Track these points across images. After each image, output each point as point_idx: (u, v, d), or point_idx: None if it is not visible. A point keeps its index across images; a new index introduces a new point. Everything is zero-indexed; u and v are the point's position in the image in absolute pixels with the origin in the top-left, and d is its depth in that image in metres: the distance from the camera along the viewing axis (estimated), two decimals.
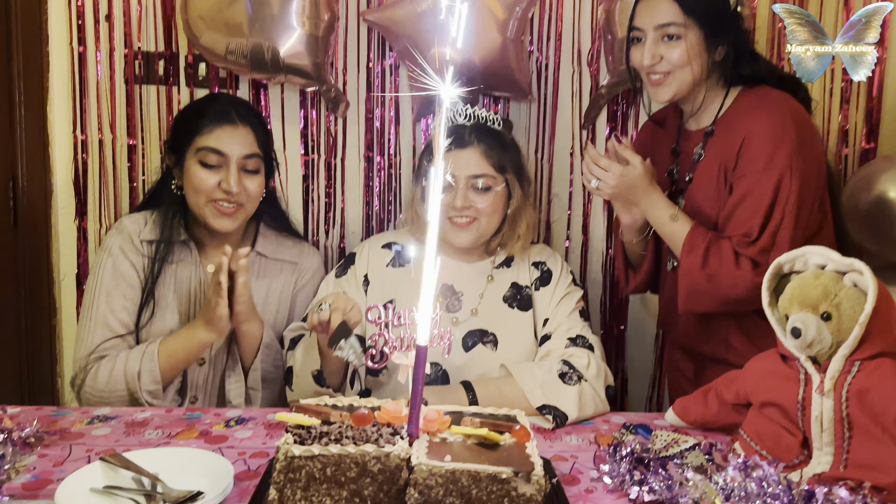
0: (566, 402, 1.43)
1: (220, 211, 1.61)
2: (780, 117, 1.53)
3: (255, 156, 1.64)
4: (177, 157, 1.65)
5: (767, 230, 1.49)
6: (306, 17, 1.86)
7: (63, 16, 2.06)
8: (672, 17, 1.54)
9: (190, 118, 1.65)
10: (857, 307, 1.16)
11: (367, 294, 1.66)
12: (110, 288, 1.61)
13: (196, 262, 1.68)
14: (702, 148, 1.63)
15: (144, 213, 1.70)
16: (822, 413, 1.18)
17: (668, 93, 1.59)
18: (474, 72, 1.91)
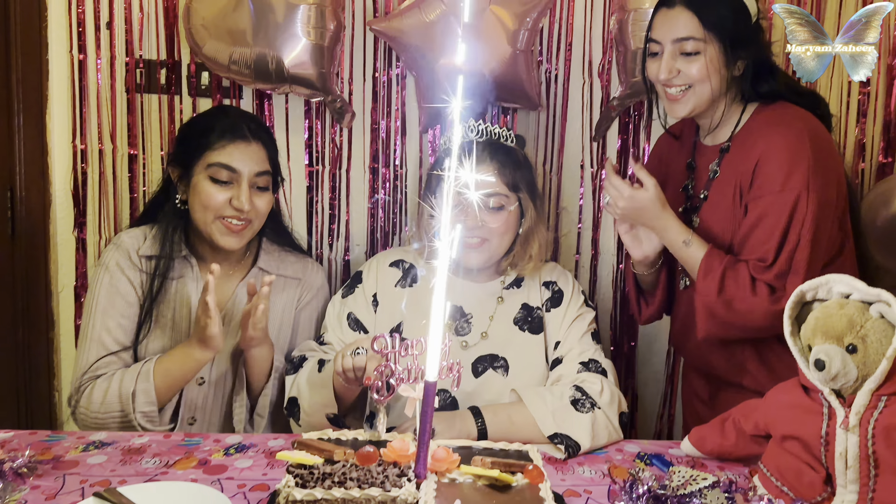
0: (579, 430, 1.38)
1: (228, 228, 1.57)
2: (796, 136, 1.48)
3: (266, 173, 1.61)
4: (182, 170, 1.61)
5: (783, 254, 1.45)
6: (312, 26, 1.81)
7: (63, 23, 2.02)
8: (691, 31, 1.49)
9: (199, 132, 1.61)
10: (885, 340, 1.12)
11: (375, 314, 1.61)
12: (106, 305, 1.57)
13: (197, 278, 1.64)
14: (717, 164, 1.59)
15: (143, 227, 1.66)
16: (846, 449, 1.13)
17: (685, 109, 1.54)
18: (484, 83, 1.87)
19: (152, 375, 1.49)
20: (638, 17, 1.83)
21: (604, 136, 2.06)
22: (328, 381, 1.44)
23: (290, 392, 1.53)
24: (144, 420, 1.48)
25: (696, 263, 1.50)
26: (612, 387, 1.49)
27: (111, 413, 1.48)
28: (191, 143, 1.61)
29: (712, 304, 1.47)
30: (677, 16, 1.50)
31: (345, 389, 1.42)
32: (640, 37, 1.84)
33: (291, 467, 0.99)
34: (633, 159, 1.55)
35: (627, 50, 1.88)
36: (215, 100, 2.02)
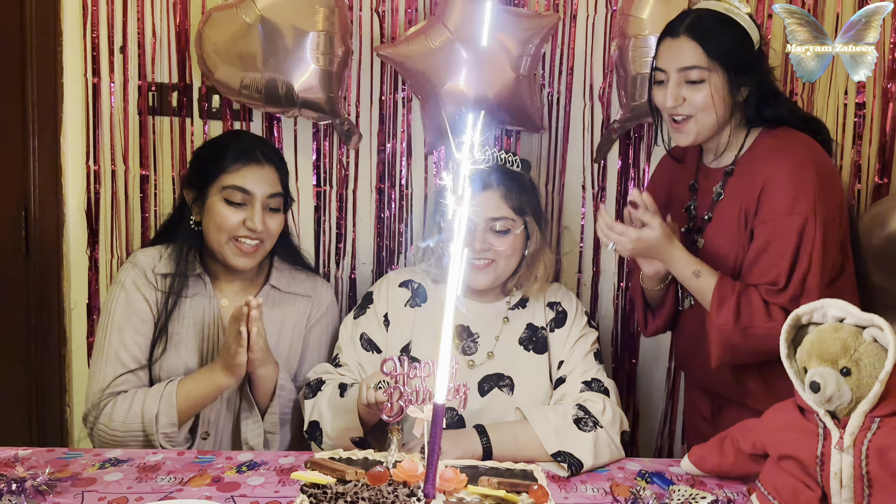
0: (581, 449, 1.41)
1: (240, 249, 1.62)
2: (800, 162, 1.52)
3: (277, 195, 1.66)
4: (197, 192, 1.66)
5: (795, 277, 1.48)
6: (321, 52, 1.86)
7: (78, 47, 2.07)
8: (696, 60, 1.52)
9: (214, 156, 1.66)
10: (878, 363, 1.16)
11: (387, 333, 1.66)
12: (123, 323, 1.61)
13: (210, 296, 1.68)
14: (721, 187, 1.62)
15: (159, 247, 1.70)
16: (841, 469, 1.17)
17: (689, 138, 1.58)
18: (487, 106, 1.91)
19: (175, 398, 1.53)
20: (638, 44, 1.88)
21: (605, 157, 2.11)
22: (352, 406, 1.48)
23: (310, 416, 1.57)
24: (165, 440, 1.53)
25: (707, 293, 1.52)
26: (615, 406, 1.53)
27: (132, 432, 1.53)
28: (206, 167, 1.66)
29: (729, 332, 1.48)
30: (682, 45, 1.54)
31: (370, 415, 1.46)
32: (639, 62, 1.89)
33: (305, 487, 1.02)
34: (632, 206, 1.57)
35: (627, 74, 1.93)
36: (226, 122, 2.07)
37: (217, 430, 1.66)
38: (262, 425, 1.62)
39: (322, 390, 1.58)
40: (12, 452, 1.38)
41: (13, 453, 1.38)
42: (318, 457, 1.10)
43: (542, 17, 1.93)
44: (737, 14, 1.56)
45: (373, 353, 1.64)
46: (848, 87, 2.07)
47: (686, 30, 1.54)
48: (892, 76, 2.05)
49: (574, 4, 2.04)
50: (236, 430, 1.66)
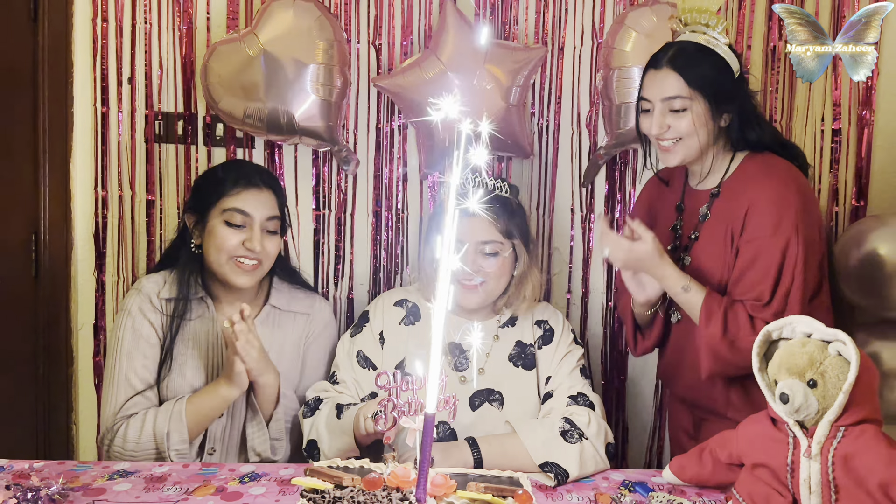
0: (568, 459, 1.49)
1: (240, 267, 1.70)
2: (783, 185, 1.61)
3: (275, 217, 1.74)
4: (198, 217, 1.74)
5: (779, 293, 1.56)
6: (320, 84, 1.95)
7: (88, 78, 2.17)
8: (677, 90, 1.61)
9: (214, 182, 1.75)
10: (842, 375, 1.23)
11: (382, 350, 1.73)
12: (131, 348, 1.69)
13: (213, 318, 1.76)
14: (707, 208, 1.70)
15: (163, 272, 1.78)
16: (810, 476, 1.24)
17: (677, 159, 1.67)
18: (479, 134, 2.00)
19: (184, 415, 1.61)
20: (621, 75, 1.98)
21: (592, 181, 2.20)
22: (348, 428, 1.55)
23: (308, 435, 1.64)
24: (177, 456, 1.60)
25: (696, 307, 1.60)
26: (600, 419, 1.60)
27: (146, 451, 1.60)
28: (207, 192, 1.74)
29: (717, 345, 1.56)
30: (664, 77, 1.63)
31: (366, 439, 1.53)
32: (623, 92, 1.98)
33: (305, 492, 1.09)
34: (630, 217, 1.67)
35: (612, 104, 2.02)
36: (229, 149, 2.16)
37: (223, 445, 1.73)
38: (268, 432, 1.68)
39: (320, 409, 1.65)
40: (26, 464, 1.45)
41: (27, 465, 1.44)
42: (316, 465, 1.17)
43: (530, 50, 2.03)
44: (716, 45, 1.65)
45: (369, 369, 1.72)
46: (825, 113, 2.16)
47: (668, 62, 1.63)
48: (866, 103, 2.14)
49: (561, 38, 2.15)
50: (242, 445, 1.73)
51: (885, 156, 2.18)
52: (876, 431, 1.22)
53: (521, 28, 2.14)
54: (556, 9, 2.13)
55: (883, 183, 2.18)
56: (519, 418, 1.61)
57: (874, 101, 2.14)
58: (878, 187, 2.18)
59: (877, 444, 1.20)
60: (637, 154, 2.17)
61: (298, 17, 1.95)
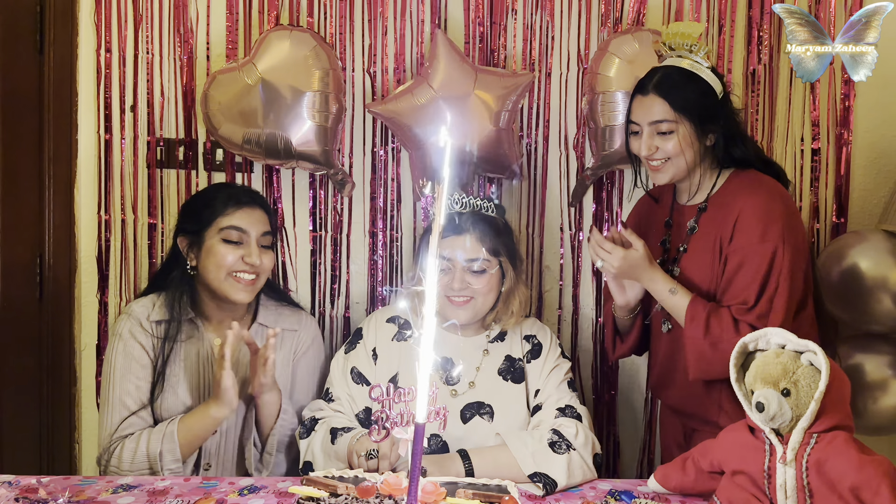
0: (556, 470, 1.54)
1: (238, 283, 1.76)
2: (770, 196, 1.69)
3: (269, 233, 1.82)
4: (192, 238, 1.80)
5: (764, 297, 1.62)
6: (316, 110, 2.03)
7: (92, 106, 2.24)
8: (663, 114, 1.69)
9: (205, 204, 1.81)
10: (813, 384, 1.29)
11: (375, 367, 1.79)
12: (124, 371, 1.74)
13: (203, 339, 1.81)
14: (695, 222, 1.77)
15: (151, 296, 1.83)
16: (785, 482, 1.29)
17: (666, 177, 1.74)
18: (470, 157, 2.08)
19: (176, 435, 1.66)
20: (606, 99, 2.05)
21: (580, 201, 2.27)
22: (343, 454, 1.60)
23: (304, 456, 1.69)
24: (171, 475, 1.64)
25: (682, 310, 1.67)
26: (587, 430, 1.66)
27: (141, 470, 1.65)
28: (200, 214, 1.80)
29: (699, 345, 1.63)
30: (651, 102, 1.71)
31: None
32: (608, 115, 2.06)
33: (301, 500, 1.15)
34: (622, 225, 1.75)
35: (598, 126, 2.09)
36: (229, 174, 2.23)
37: (218, 460, 1.78)
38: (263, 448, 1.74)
39: (316, 431, 1.70)
40: (33, 479, 1.50)
41: (34, 480, 1.49)
42: (312, 475, 1.23)
43: (518, 76, 2.10)
44: (699, 69, 1.73)
45: (363, 385, 1.77)
46: (804, 134, 2.24)
47: (654, 87, 1.71)
48: (843, 123, 2.22)
49: (548, 64, 2.23)
50: (239, 460, 1.78)
51: (864, 173, 2.25)
52: (847, 437, 1.27)
53: (510, 55, 2.22)
54: (543, 36, 2.22)
55: (862, 200, 2.25)
56: (509, 430, 1.66)
57: (852, 120, 2.22)
58: (858, 204, 2.25)
59: (848, 450, 1.26)
60: (623, 174, 2.24)
61: (295, 46, 2.03)
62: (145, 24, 2.20)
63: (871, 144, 2.25)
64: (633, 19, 2.20)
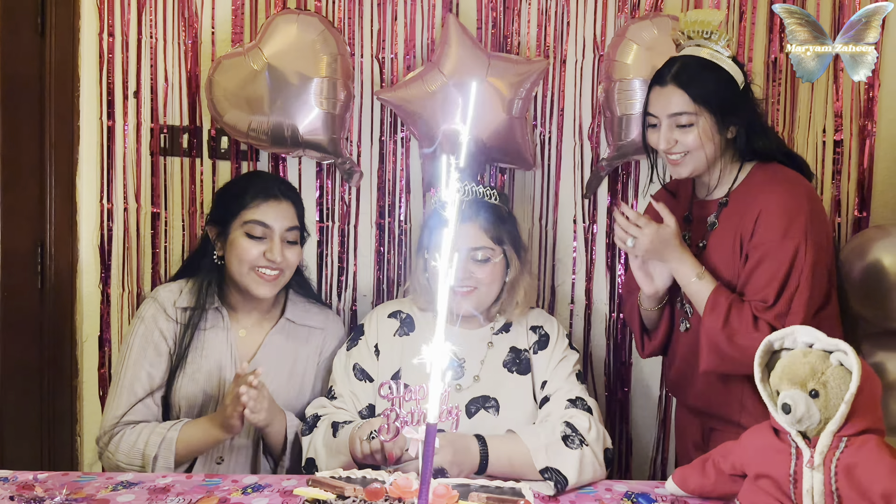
0: (568, 466, 1.49)
1: (261, 278, 1.72)
2: (794, 191, 1.63)
3: (295, 228, 1.76)
4: (220, 229, 1.77)
5: (784, 296, 1.57)
6: (324, 97, 1.97)
7: (94, 92, 2.19)
8: (683, 106, 1.62)
9: (235, 194, 1.77)
10: (843, 385, 1.23)
11: (378, 362, 1.74)
12: (139, 356, 1.71)
13: (227, 328, 1.78)
14: (716, 217, 1.71)
15: (179, 282, 1.80)
16: (812, 486, 1.23)
17: (686, 171, 1.68)
18: (482, 146, 2.02)
19: (174, 445, 1.62)
20: (623, 87, 1.99)
21: (594, 193, 2.20)
22: (344, 447, 1.56)
23: (307, 453, 1.64)
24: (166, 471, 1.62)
25: (704, 298, 1.61)
26: (598, 424, 1.61)
27: (133, 465, 1.63)
28: (227, 205, 1.77)
29: (716, 335, 1.57)
30: (670, 93, 1.64)
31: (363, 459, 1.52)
32: (625, 104, 2.00)
33: (307, 502, 1.10)
34: (653, 199, 1.70)
35: (614, 115, 2.03)
36: (234, 162, 2.18)
37: (232, 455, 1.75)
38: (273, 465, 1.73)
39: (318, 427, 1.66)
40: (30, 475, 1.46)
41: (31, 476, 1.45)
42: (318, 475, 1.17)
43: (532, 63, 2.04)
44: (720, 59, 1.66)
45: (365, 382, 1.72)
46: (826, 125, 2.17)
47: (672, 78, 1.64)
48: (867, 114, 2.15)
49: (563, 50, 2.16)
50: (254, 459, 1.76)
51: (888, 166, 2.18)
52: (879, 442, 1.22)
53: (523, 41, 2.16)
54: (558, 22, 2.16)
55: (885, 193, 2.19)
56: (516, 424, 1.61)
57: (876, 111, 2.15)
58: (881, 198, 2.19)
59: (880, 455, 1.20)
60: (639, 165, 2.18)
61: (302, 31, 1.97)
62: (149, 8, 2.15)
63: (894, 135, 2.17)
64: (652, 4, 2.13)
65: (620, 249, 2.18)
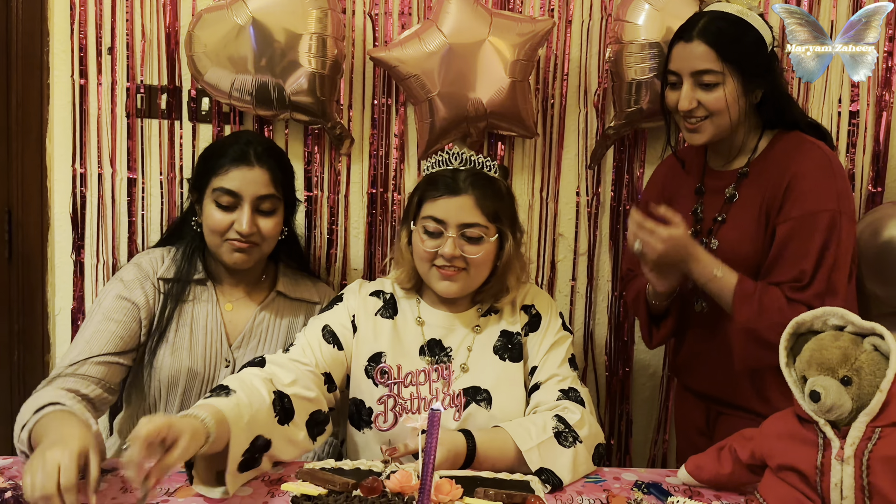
0: (561, 466, 1.37)
1: (233, 247, 1.60)
2: (826, 161, 1.52)
3: (270, 196, 1.62)
4: (198, 195, 1.65)
5: (821, 273, 1.46)
6: (313, 55, 1.84)
7: (65, 47, 2.03)
8: (709, 63, 1.51)
9: (210, 158, 1.64)
10: (878, 372, 1.14)
11: (354, 337, 1.56)
12: (109, 314, 1.57)
13: (213, 301, 1.67)
14: (735, 189, 1.61)
15: (163, 249, 1.69)
16: (841, 480, 1.15)
17: (704, 137, 1.57)
18: (481, 110, 1.90)
19: (32, 428, 1.33)
20: (633, 50, 1.87)
21: (599, 163, 2.09)
22: None
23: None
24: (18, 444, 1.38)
25: (728, 293, 1.50)
26: (591, 418, 1.48)
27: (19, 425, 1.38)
28: (203, 169, 1.64)
29: (754, 326, 1.46)
30: (695, 49, 1.52)
31: None
32: (634, 68, 1.88)
33: (296, 498, 0.99)
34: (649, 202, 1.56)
35: (622, 81, 1.91)
36: (215, 125, 2.04)
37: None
38: None
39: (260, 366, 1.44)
40: None
41: None
42: (307, 467, 1.07)
43: (536, 23, 1.91)
44: (750, 16, 1.55)
45: (333, 346, 1.53)
46: (842, 95, 2.07)
47: (699, 33, 1.52)
48: (885, 84, 2.05)
49: (569, 10, 2.03)
50: None
51: None
52: None
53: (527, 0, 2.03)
54: None
55: None
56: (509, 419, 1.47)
57: (894, 81, 2.05)
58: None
59: None
60: (647, 134, 2.07)
61: None
62: None
63: None
64: None
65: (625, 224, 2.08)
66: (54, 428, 1.28)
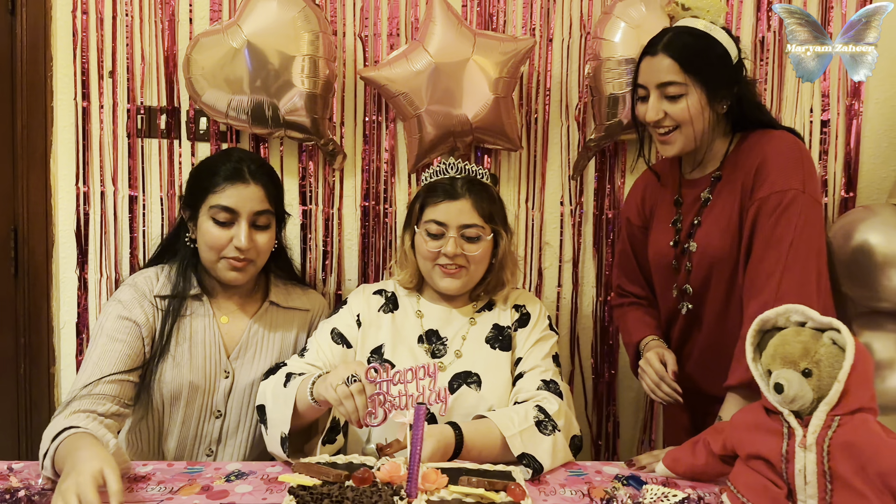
0: (542, 452, 1.46)
1: (230, 264, 1.65)
2: (793, 145, 1.59)
3: (265, 212, 1.67)
4: (191, 212, 1.69)
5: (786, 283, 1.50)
6: (306, 76, 1.92)
7: (68, 71, 2.12)
8: (673, 76, 1.58)
9: (204, 175, 1.68)
10: (836, 364, 1.21)
11: (359, 332, 1.71)
12: (112, 335, 1.61)
13: (209, 315, 1.71)
14: (709, 192, 1.68)
15: (155, 268, 1.73)
16: (805, 466, 1.22)
17: (674, 149, 1.64)
18: (467, 125, 1.98)
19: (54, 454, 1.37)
20: (610, 66, 1.96)
21: (581, 174, 2.18)
22: (290, 398, 1.49)
23: (259, 399, 1.61)
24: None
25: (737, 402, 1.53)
26: (567, 410, 1.59)
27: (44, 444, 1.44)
28: (197, 186, 1.68)
29: None
30: (660, 62, 1.59)
31: (309, 410, 1.46)
32: (612, 83, 1.97)
33: (292, 488, 1.06)
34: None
35: (601, 95, 2.00)
36: (213, 144, 2.13)
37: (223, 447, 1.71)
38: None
39: (275, 375, 1.62)
40: (6, 465, 1.41)
41: (6, 466, 1.40)
42: (304, 460, 1.14)
43: (518, 41, 2.00)
44: (714, 30, 1.62)
45: (343, 346, 1.69)
46: (813, 104, 2.15)
47: (664, 47, 1.60)
48: (854, 94, 2.14)
49: (550, 29, 2.13)
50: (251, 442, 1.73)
51: (875, 146, 2.18)
52: (872, 421, 1.20)
53: (510, 19, 2.12)
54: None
55: (872, 173, 2.18)
56: (498, 399, 1.61)
57: (863, 91, 2.14)
58: (867, 178, 2.18)
59: (873, 434, 1.18)
60: (626, 146, 2.15)
61: (283, 7, 1.92)
62: None
63: (882, 116, 2.17)
64: None
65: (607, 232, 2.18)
66: (69, 455, 1.32)
